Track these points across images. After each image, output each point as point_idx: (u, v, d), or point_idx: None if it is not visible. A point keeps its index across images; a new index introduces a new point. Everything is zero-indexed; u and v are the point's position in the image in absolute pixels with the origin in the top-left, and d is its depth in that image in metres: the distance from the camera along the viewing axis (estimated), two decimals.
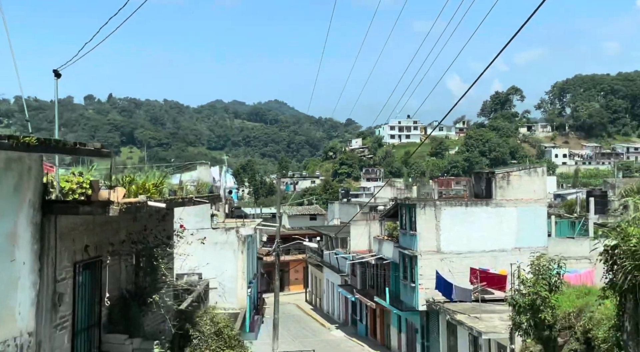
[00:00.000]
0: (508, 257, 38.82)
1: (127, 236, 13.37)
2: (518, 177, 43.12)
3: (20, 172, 10.35)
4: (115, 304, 13.47)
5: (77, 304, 12.11)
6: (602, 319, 21.56)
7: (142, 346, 12.99)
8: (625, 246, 15.19)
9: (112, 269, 13.40)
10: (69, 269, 11.79)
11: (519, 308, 24.60)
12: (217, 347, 14.89)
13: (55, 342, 11.49)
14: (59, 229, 11.41)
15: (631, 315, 16.02)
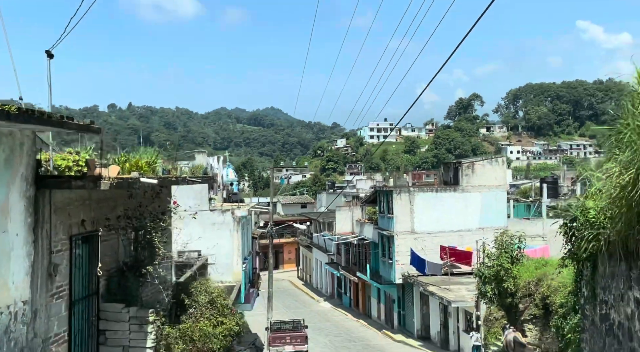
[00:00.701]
0: (473, 235, 38.17)
1: (123, 212, 12.22)
2: (481, 166, 42.43)
3: (11, 146, 9.21)
4: (114, 276, 12.38)
5: (74, 275, 10.99)
6: (559, 286, 20.65)
7: (138, 314, 11.88)
8: (583, 218, 14.18)
9: (109, 243, 12.27)
10: (64, 241, 10.65)
11: (485, 279, 23.70)
12: (210, 315, 13.78)
13: (52, 310, 10.39)
14: (54, 204, 10.27)
15: (588, 281, 14.98)
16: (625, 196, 10.61)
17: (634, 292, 12.48)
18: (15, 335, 9.27)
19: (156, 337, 11.89)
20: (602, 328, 14.40)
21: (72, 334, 11.00)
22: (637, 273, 12.30)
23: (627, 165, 10.74)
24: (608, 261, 13.81)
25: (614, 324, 13.69)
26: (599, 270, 14.44)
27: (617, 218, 11.71)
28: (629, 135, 10.74)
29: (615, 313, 13.58)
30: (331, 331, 43.54)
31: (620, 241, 11.91)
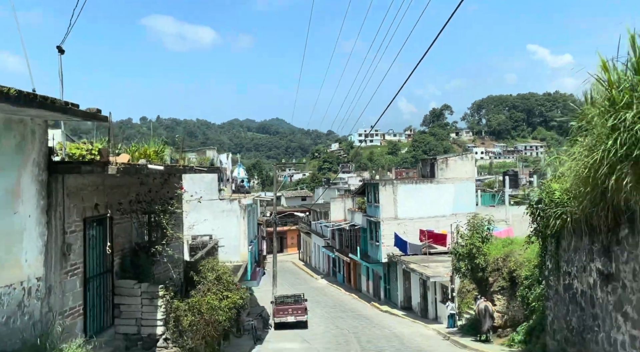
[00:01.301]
0: (447, 220, 37.30)
1: (134, 197, 11.23)
2: (454, 162, 41.48)
3: (22, 133, 8.23)
4: (127, 255, 11.41)
5: (88, 254, 10.00)
6: (524, 261, 19.75)
7: (149, 289, 10.93)
8: (548, 199, 13.25)
9: (123, 226, 11.30)
10: (78, 223, 9.67)
11: (459, 256, 22.82)
12: (217, 290, 12.77)
13: (67, 286, 9.42)
14: (67, 188, 9.29)
15: (552, 255, 14.07)
16: (591, 175, 9.70)
17: (596, 264, 11.59)
18: (30, 309, 8.33)
19: (166, 310, 10.96)
20: (565, 297, 13.51)
21: (88, 308, 10.03)
22: (599, 246, 11.41)
23: (593, 147, 9.84)
24: (571, 236, 12.94)
25: (577, 292, 12.80)
26: (562, 245, 13.56)
27: (582, 197, 10.82)
28: (595, 120, 9.84)
29: (578, 283, 12.70)
30: (327, 304, 42.67)
31: (585, 217, 11.01)
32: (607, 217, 10.32)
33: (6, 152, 7.84)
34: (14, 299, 7.98)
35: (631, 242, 9.88)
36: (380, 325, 31.11)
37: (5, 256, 7.83)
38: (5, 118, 7.75)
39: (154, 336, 10.82)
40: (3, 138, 7.76)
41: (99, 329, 10.43)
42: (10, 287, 7.91)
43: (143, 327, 10.82)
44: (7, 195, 7.86)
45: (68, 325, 9.32)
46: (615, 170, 9.10)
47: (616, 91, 9.24)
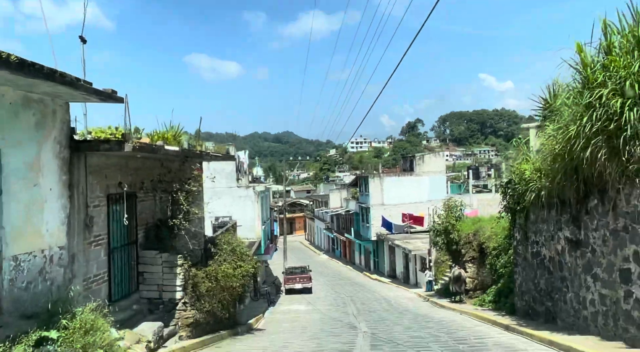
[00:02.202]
0: (424, 206, 36.07)
1: (156, 178, 9.79)
2: (428, 158, 40.14)
3: (42, 112, 6.80)
4: (150, 229, 9.92)
5: (112, 227, 8.55)
6: (492, 235, 18.28)
7: (169, 259, 9.49)
8: (518, 179, 11.82)
9: (147, 203, 9.86)
10: (102, 198, 8.23)
11: (437, 232, 21.31)
12: (232, 260, 11.29)
13: (91, 255, 7.98)
14: (90, 166, 7.85)
15: (521, 227, 12.60)
16: (567, 150, 8.26)
17: (564, 232, 10.13)
18: (52, 275, 6.91)
19: (184, 278, 9.52)
20: (533, 263, 12.06)
21: (112, 275, 8.57)
22: (567, 217, 9.94)
23: (566, 126, 8.40)
24: (539, 210, 11.49)
25: (545, 259, 11.35)
26: (530, 218, 12.10)
27: (554, 172, 9.38)
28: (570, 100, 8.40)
29: (546, 250, 11.25)
30: (328, 274, 41.25)
31: (556, 191, 9.58)
32: (577, 190, 8.89)
33: (25, 128, 6.45)
34: (35, 266, 6.57)
35: (601, 211, 8.44)
36: (371, 290, 29.66)
37: (24, 225, 6.43)
38: (24, 95, 6.35)
39: (173, 300, 9.39)
40: (22, 114, 6.36)
41: (124, 294, 9.01)
42: (31, 254, 6.51)
43: (164, 292, 9.41)
44: (26, 168, 6.46)
45: (93, 290, 7.92)
46: (590, 144, 7.67)
47: (590, 71, 7.79)
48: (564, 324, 10.08)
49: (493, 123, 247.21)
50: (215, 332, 10.51)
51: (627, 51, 7.48)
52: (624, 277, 7.76)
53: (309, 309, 21.23)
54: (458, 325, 12.50)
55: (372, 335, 11.40)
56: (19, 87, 6.06)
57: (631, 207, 7.49)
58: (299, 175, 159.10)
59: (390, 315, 17.14)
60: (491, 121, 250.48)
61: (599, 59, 7.86)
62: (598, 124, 7.45)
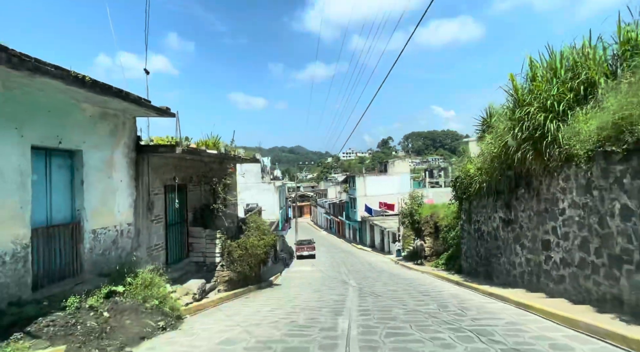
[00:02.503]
0: (394, 196, 35.56)
1: (201, 173, 9.38)
2: (398, 163, 39.66)
3: (115, 123, 6.38)
4: (197, 211, 9.50)
5: (168, 209, 8.14)
6: (444, 216, 17.83)
7: (210, 233, 9.08)
8: (464, 175, 11.39)
9: (194, 192, 9.44)
10: (160, 188, 7.81)
11: (404, 215, 20.81)
12: (257, 235, 10.85)
13: (152, 230, 7.58)
14: (151, 164, 7.43)
15: (466, 210, 12.13)
16: (503, 152, 7.86)
17: (499, 214, 9.69)
18: (122, 244, 6.51)
19: (221, 247, 9.08)
20: (475, 236, 11.63)
21: (169, 245, 8.16)
22: (501, 203, 9.48)
23: (502, 135, 8.00)
24: (479, 198, 11.07)
25: (484, 233, 10.93)
26: (473, 204, 11.66)
27: (492, 170, 8.97)
28: (507, 114, 8.00)
29: (485, 227, 10.82)
30: (327, 245, 40.72)
31: (493, 184, 9.17)
32: (509, 182, 8.48)
33: (102, 135, 6.07)
34: (109, 237, 6.18)
35: (527, 198, 8.02)
36: (357, 256, 29.16)
37: (101, 207, 6.04)
38: (101, 111, 5.96)
39: (214, 263, 8.98)
40: (99, 124, 5.97)
41: (177, 259, 8.61)
42: (106, 229, 6.12)
43: (207, 258, 8.99)
44: (102, 164, 6.07)
45: (154, 256, 7.51)
46: (520, 148, 7.27)
47: (520, 94, 7.38)
48: (499, 281, 9.65)
49: (441, 139, 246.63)
50: (244, 287, 10.09)
51: (547, 79, 7.08)
52: (545, 245, 7.34)
53: (313, 270, 20.77)
54: (422, 281, 12.06)
55: (359, 289, 10.97)
56: (95, 104, 5.68)
57: (550, 195, 7.08)
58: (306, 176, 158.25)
59: (371, 274, 16.69)
60: (440, 138, 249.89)
61: (526, 85, 7.45)
62: (526, 133, 7.04)
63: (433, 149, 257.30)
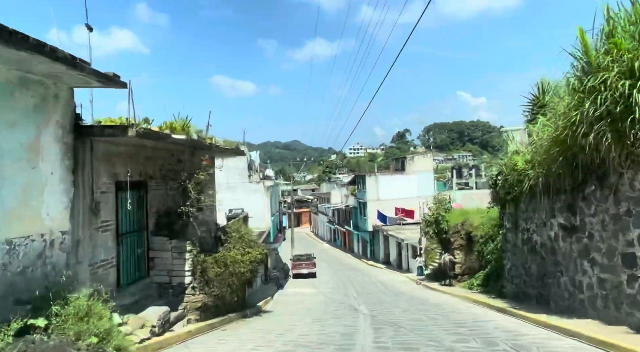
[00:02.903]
0: (413, 201, 34.93)
1: (165, 167, 8.67)
2: (418, 159, 38.92)
3: (42, 95, 5.68)
4: (162, 216, 8.78)
5: (121, 213, 7.43)
6: (479, 225, 17.08)
7: (178, 245, 8.36)
8: (509, 170, 10.66)
9: (158, 192, 8.74)
10: (109, 185, 7.10)
11: (428, 223, 20.05)
12: (240, 247, 10.13)
13: (98, 240, 6.82)
14: (97, 152, 6.73)
15: (512, 216, 11.38)
16: (569, 135, 7.10)
17: (558, 219, 8.96)
18: (53, 260, 5.79)
19: (193, 263, 8.36)
20: (523, 249, 10.87)
21: (121, 261, 7.44)
22: (561, 205, 8.77)
23: (566, 113, 7.27)
24: (530, 198, 10.35)
25: (537, 245, 10.19)
26: (521, 207, 10.90)
27: (550, 161, 8.21)
28: (574, 83, 7.24)
29: (538, 236, 10.08)
30: (330, 260, 40.07)
31: (551, 179, 8.42)
32: (574, 177, 7.72)
33: (21, 108, 5.34)
34: (33, 250, 5.45)
35: (599, 197, 7.26)
36: (368, 274, 28.47)
37: (21, 208, 5.31)
38: (20, 76, 5.24)
39: (182, 284, 8.25)
40: (18, 94, 5.25)
41: (134, 279, 7.89)
42: (28, 238, 5.39)
43: (173, 277, 8.28)
44: (22, 149, 5.34)
45: (100, 275, 6.79)
46: (592, 129, 6.52)
47: (594, 55, 6.63)
48: (558, 307, 8.89)
49: (470, 132, 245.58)
50: (223, 315, 9.36)
51: (631, 35, 6.33)
52: (628, 261, 6.57)
53: (314, 292, 20.07)
54: (453, 307, 11.31)
55: (372, 317, 10.23)
56: (8, 64, 4.96)
57: (636, 192, 6.32)
58: (305, 177, 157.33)
59: (387, 297, 15.96)
60: (468, 131, 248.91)
61: (600, 45, 6.70)
62: (602, 108, 6.29)
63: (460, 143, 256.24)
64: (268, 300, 15.90)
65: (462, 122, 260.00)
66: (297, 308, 13.70)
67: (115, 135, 6.28)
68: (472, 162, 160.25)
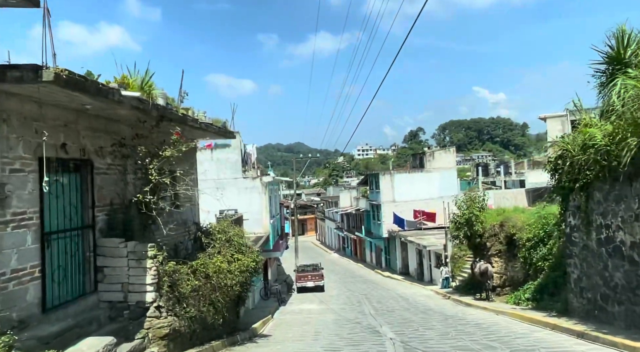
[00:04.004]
0: (435, 202, 32.91)
1: (121, 141, 6.85)
2: (439, 154, 36.83)
3: None
4: (117, 211, 6.95)
5: (49, 203, 5.62)
6: (524, 225, 15.11)
7: (137, 249, 6.49)
8: (576, 148, 8.75)
9: (110, 177, 6.89)
10: (27, 161, 5.29)
11: (458, 225, 18.03)
12: (228, 252, 8.30)
13: (9, 240, 4.94)
14: (9, 114, 4.86)
15: (581, 209, 9.42)
16: None
17: None
18: None
19: (157, 274, 6.50)
20: (601, 251, 8.95)
21: (50, 271, 5.61)
22: None
23: None
24: (611, 185, 8.47)
25: (624, 245, 8.28)
26: (595, 197, 9.02)
27: None
28: None
29: (627, 235, 8.19)
30: (339, 272, 38.07)
31: None
32: None
33: None
34: None
35: None
36: (385, 288, 26.45)
37: None
38: None
39: (142, 303, 6.40)
40: None
41: (72, 297, 6.04)
42: None
43: (130, 293, 6.43)
44: None
45: (10, 293, 4.95)
46: None
47: None
48: None
49: (490, 130, 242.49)
50: (203, 344, 7.51)
51: None
52: None
53: (322, 309, 18.15)
54: (506, 329, 9.37)
55: (402, 344, 8.32)
56: None
57: None
58: (309, 181, 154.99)
59: (413, 315, 14.01)
60: (487, 128, 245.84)
61: None
62: None
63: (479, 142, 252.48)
64: (267, 320, 14.02)
65: (481, 119, 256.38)
66: (303, 331, 11.80)
67: (23, 81, 4.47)
68: (492, 163, 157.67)
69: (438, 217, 31.52)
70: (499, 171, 43.99)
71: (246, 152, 20.87)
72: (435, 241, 26.86)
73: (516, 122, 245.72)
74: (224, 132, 9.98)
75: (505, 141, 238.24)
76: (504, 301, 15.59)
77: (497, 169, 45.11)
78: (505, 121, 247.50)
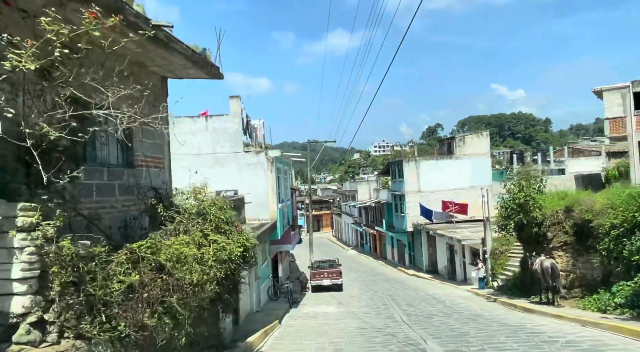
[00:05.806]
0: (466, 193, 29.53)
1: None
2: (470, 139, 33.09)
3: None
4: None
5: None
6: (604, 209, 11.73)
7: None
8: None
9: None
10: None
11: (510, 211, 14.54)
12: (196, 231, 5.22)
13: None
14: None
15: None
16: None
17: None
18: None
19: (40, 260, 3.48)
20: None
21: None
22: None
23: None
24: None
25: None
26: None
27: None
28: None
29: None
30: (358, 269, 34.91)
31: None
32: None
33: None
34: None
35: None
36: (412, 287, 23.20)
37: None
38: None
39: (4, 316, 3.40)
40: None
41: None
42: None
43: None
44: None
45: None
46: None
47: None
48: None
49: (511, 126, 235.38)
50: None
51: None
52: None
53: (341, 312, 15.06)
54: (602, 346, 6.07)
55: None
56: None
57: None
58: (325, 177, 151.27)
59: (462, 324, 10.78)
60: (509, 124, 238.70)
61: None
62: None
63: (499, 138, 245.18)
64: (272, 327, 10.94)
65: (502, 115, 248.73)
66: (317, 345, 8.70)
67: None
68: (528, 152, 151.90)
69: (470, 209, 28.04)
70: (535, 159, 40.09)
71: (250, 125, 17.79)
72: (470, 234, 23.46)
73: (538, 118, 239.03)
74: (203, 62, 6.93)
75: (527, 137, 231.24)
76: (574, 305, 12.22)
77: (534, 157, 41.17)
78: (527, 116, 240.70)
